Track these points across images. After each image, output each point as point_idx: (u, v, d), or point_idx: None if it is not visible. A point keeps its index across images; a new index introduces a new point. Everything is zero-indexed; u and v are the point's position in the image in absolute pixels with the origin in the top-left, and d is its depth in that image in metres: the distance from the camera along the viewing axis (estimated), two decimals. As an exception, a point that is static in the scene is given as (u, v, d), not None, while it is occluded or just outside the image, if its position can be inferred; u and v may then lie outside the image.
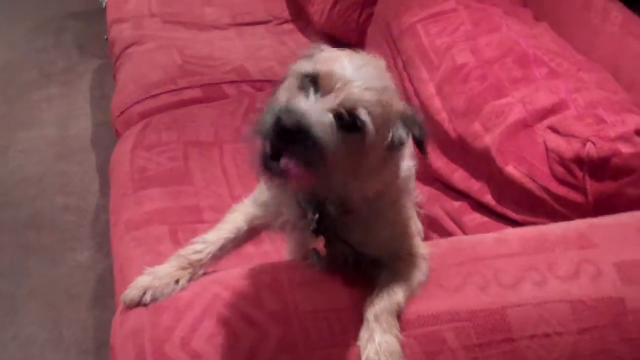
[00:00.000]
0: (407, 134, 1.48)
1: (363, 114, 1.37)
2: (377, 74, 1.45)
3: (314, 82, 1.40)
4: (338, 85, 1.38)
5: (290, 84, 1.47)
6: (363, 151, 1.41)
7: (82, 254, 3.40)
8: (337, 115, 1.36)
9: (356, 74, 1.39)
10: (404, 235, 1.64)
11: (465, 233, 2.11)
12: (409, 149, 1.64)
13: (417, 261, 1.62)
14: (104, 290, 3.15)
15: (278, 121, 1.31)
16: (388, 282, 1.58)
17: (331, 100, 1.36)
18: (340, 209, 1.54)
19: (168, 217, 2.37)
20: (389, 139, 1.46)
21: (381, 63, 1.52)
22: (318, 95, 1.38)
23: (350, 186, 1.48)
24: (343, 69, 1.39)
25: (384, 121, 1.42)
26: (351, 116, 1.37)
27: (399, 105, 1.48)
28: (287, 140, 1.32)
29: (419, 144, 1.52)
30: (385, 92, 1.43)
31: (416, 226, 1.75)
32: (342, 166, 1.40)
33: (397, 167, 1.58)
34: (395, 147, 1.48)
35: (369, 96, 1.38)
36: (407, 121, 1.48)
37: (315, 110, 1.34)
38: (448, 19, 2.47)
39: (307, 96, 1.37)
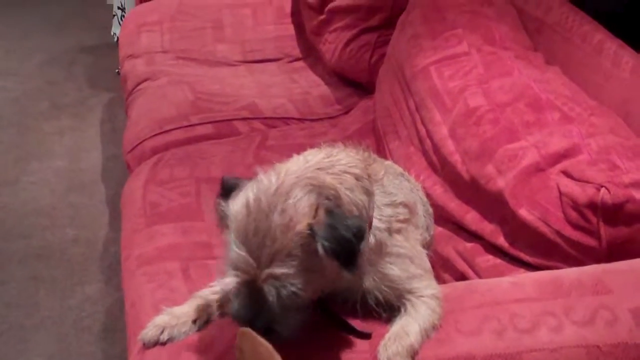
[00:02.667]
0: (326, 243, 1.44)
1: (291, 284, 1.44)
2: (270, 230, 1.44)
3: None
4: (252, 277, 1.45)
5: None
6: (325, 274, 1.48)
7: (91, 287, 3.40)
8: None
9: (253, 252, 1.44)
10: (407, 278, 1.65)
11: (478, 274, 2.11)
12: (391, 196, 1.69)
13: (429, 302, 1.62)
14: (113, 323, 3.15)
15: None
16: (400, 324, 1.59)
17: (261, 293, 1.45)
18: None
19: (180, 252, 2.38)
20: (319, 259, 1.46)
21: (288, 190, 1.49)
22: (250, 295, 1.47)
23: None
24: (241, 259, 1.45)
25: (308, 257, 1.44)
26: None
27: (302, 226, 1.45)
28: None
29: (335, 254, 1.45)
30: (285, 240, 1.44)
31: (422, 266, 1.73)
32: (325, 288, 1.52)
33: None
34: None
35: (278, 267, 1.43)
36: (319, 232, 1.44)
37: (261, 315, 1.46)
38: (460, 62, 2.50)
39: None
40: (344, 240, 1.42)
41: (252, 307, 1.46)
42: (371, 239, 1.61)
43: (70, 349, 3.07)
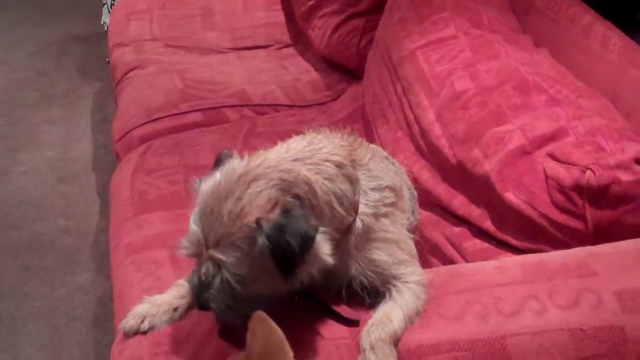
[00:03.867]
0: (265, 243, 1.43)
1: (227, 271, 1.45)
2: (222, 212, 1.45)
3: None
4: (200, 255, 1.48)
5: None
6: (256, 278, 1.47)
7: (82, 277, 3.40)
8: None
9: (204, 230, 1.47)
10: (393, 264, 1.64)
11: (465, 259, 2.10)
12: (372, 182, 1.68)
13: (414, 288, 1.61)
14: (104, 313, 3.14)
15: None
16: (384, 310, 1.58)
17: (207, 272, 1.48)
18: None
19: (168, 241, 2.36)
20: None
21: (248, 170, 1.50)
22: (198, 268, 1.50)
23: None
24: (193, 234, 1.49)
25: (251, 251, 1.44)
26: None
27: (252, 218, 1.44)
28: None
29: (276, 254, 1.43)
30: (232, 228, 1.44)
31: (408, 251, 1.72)
32: (268, 292, 1.50)
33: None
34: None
35: (220, 252, 1.44)
36: (265, 228, 1.43)
37: (205, 289, 1.50)
38: (448, 46, 2.48)
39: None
40: (286, 245, 1.40)
41: (198, 281, 1.50)
42: (358, 224, 1.60)
43: (62, 338, 3.07)
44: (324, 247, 1.48)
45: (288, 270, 1.43)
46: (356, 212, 1.60)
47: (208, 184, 1.51)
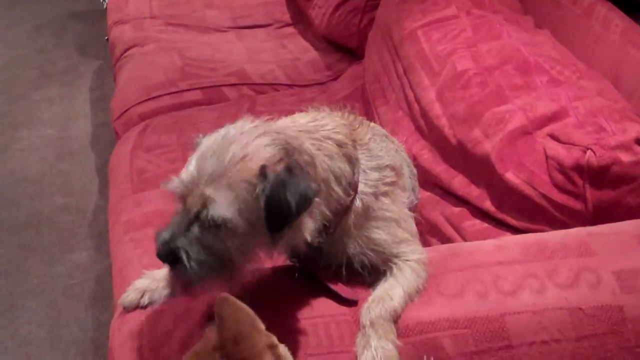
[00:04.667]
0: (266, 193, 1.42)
1: (213, 209, 1.41)
2: (225, 155, 1.44)
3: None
4: (190, 194, 1.44)
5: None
6: (245, 234, 1.44)
7: (81, 254, 3.40)
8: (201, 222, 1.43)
9: (201, 170, 1.44)
10: (394, 242, 1.64)
11: (464, 239, 2.10)
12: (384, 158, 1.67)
13: (414, 266, 1.62)
14: (103, 290, 3.15)
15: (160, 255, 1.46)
16: (384, 288, 1.59)
17: (186, 217, 1.44)
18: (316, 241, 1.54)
19: (167, 218, 2.35)
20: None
21: (242, 128, 1.51)
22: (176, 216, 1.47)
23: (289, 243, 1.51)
24: (189, 173, 1.46)
25: (239, 200, 1.42)
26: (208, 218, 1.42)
27: (255, 164, 1.44)
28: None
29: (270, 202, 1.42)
30: (232, 169, 1.43)
31: (409, 230, 1.73)
32: (245, 252, 1.46)
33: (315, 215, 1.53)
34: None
35: (213, 189, 1.41)
36: (269, 177, 1.43)
37: (180, 232, 1.44)
38: (449, 26, 2.47)
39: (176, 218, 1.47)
40: (284, 200, 1.40)
41: (177, 225, 1.46)
42: (358, 203, 1.60)
43: (60, 316, 3.08)
44: (308, 223, 1.48)
45: (277, 227, 1.42)
46: (355, 191, 1.60)
47: (212, 136, 1.50)
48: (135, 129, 2.97)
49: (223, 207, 1.40)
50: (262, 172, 1.40)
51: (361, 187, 1.62)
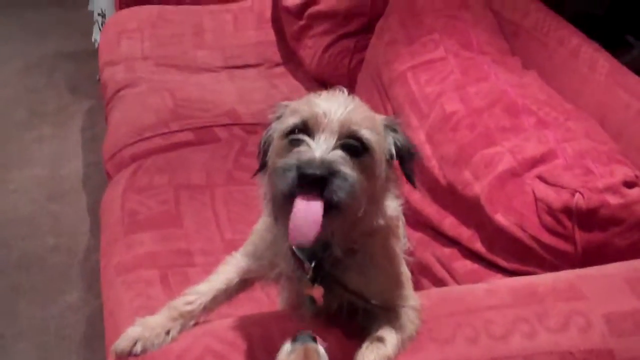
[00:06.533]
0: (397, 142, 1.52)
1: (364, 133, 1.42)
2: (348, 97, 1.49)
3: (304, 130, 1.42)
4: (326, 120, 1.41)
5: (278, 146, 1.49)
6: (374, 171, 1.45)
7: (72, 295, 3.38)
8: (343, 146, 1.40)
9: (335, 104, 1.43)
10: (396, 283, 1.64)
11: (455, 280, 2.12)
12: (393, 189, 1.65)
13: (410, 313, 1.62)
14: (94, 331, 3.13)
15: (304, 175, 1.34)
16: (379, 334, 1.58)
17: (331, 137, 1.40)
18: (344, 250, 1.53)
19: (158, 260, 2.37)
20: (387, 152, 1.50)
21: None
22: (318, 138, 1.40)
23: (362, 216, 1.47)
24: (322, 106, 1.43)
25: (378, 135, 1.46)
26: (355, 142, 1.41)
27: (379, 116, 1.53)
28: (316, 189, 1.35)
29: (405, 155, 1.54)
30: (364, 107, 1.49)
31: (406, 274, 1.73)
32: (363, 193, 1.42)
33: (395, 187, 1.59)
34: (391, 161, 1.53)
35: (358, 116, 1.43)
36: (393, 128, 1.54)
37: (328, 150, 1.38)
38: (437, 68, 2.51)
39: (308, 145, 1.40)
40: (412, 147, 1.55)
41: (320, 147, 1.38)
42: (384, 229, 1.60)
43: (51, 357, 3.06)
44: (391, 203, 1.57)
45: (411, 171, 1.55)
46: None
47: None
48: (127, 171, 2.97)
49: (368, 133, 1.42)
50: (388, 126, 1.52)
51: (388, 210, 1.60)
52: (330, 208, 1.36)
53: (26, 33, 6.21)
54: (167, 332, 1.62)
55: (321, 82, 3.55)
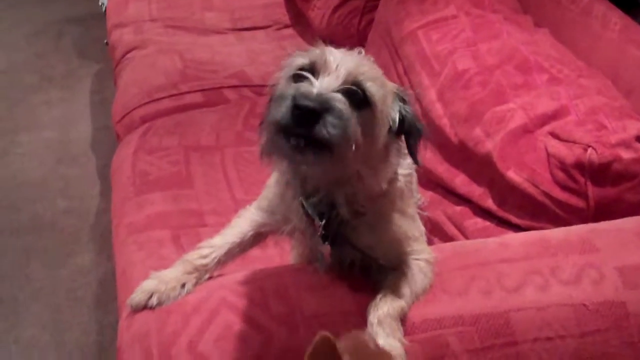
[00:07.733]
0: (404, 112, 1.50)
1: (369, 86, 1.40)
2: (365, 57, 1.48)
3: (310, 71, 1.41)
4: (334, 66, 1.39)
5: (285, 82, 1.48)
6: (373, 130, 1.43)
7: (84, 258, 3.40)
8: (345, 92, 1.38)
9: (348, 56, 1.43)
10: (408, 238, 1.64)
11: (467, 238, 2.12)
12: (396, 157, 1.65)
13: (422, 265, 1.62)
14: (106, 293, 3.16)
15: (297, 106, 1.32)
16: (392, 286, 1.59)
17: (335, 80, 1.38)
18: (350, 211, 1.54)
19: (170, 221, 2.37)
20: (390, 118, 1.48)
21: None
22: (322, 78, 1.39)
23: (361, 180, 1.49)
24: (334, 53, 1.43)
25: (384, 96, 1.44)
26: (358, 90, 1.39)
27: (390, 84, 1.51)
28: (308, 123, 1.33)
29: (410, 127, 1.51)
30: (377, 69, 1.48)
31: (419, 229, 1.75)
32: (358, 147, 1.39)
33: (397, 156, 1.57)
34: (396, 129, 1.50)
35: (367, 70, 1.42)
36: (402, 98, 1.51)
37: (328, 90, 1.36)
38: (449, 26, 2.49)
39: (310, 82, 1.38)
40: (419, 122, 1.51)
41: (322, 85, 1.37)
42: (399, 184, 1.61)
43: (64, 319, 3.08)
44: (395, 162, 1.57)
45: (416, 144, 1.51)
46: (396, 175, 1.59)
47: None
48: (137, 132, 2.97)
49: (374, 87, 1.40)
50: (397, 95, 1.50)
51: (400, 170, 1.61)
52: (321, 147, 1.34)
53: (34, -3, 6.20)
54: (183, 286, 1.62)
55: (330, 43, 3.53)
